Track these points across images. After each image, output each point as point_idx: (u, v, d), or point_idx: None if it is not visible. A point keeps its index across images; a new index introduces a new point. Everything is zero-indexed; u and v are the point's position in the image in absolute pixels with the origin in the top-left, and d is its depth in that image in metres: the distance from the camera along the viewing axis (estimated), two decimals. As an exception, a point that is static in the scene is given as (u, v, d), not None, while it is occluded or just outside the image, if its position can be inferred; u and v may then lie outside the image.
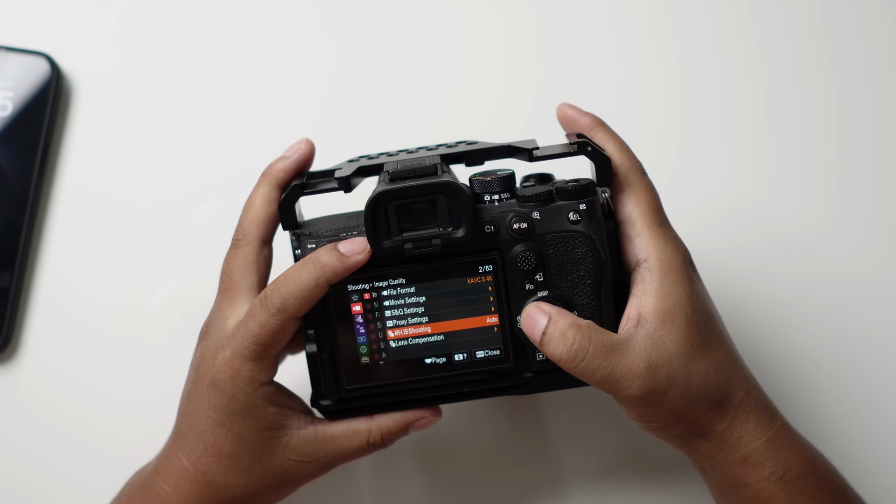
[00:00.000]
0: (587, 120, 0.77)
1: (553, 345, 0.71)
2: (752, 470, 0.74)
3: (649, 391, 0.71)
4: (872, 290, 0.93)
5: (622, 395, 0.71)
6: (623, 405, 0.73)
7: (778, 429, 0.74)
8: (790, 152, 0.94)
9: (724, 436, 0.73)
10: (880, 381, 0.93)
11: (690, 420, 0.73)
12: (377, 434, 0.76)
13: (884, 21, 0.95)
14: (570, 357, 0.71)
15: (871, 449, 0.92)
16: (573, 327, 0.71)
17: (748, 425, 0.73)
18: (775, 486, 0.74)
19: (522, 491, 0.92)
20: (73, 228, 0.93)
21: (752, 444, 0.73)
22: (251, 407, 0.74)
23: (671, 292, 0.72)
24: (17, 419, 0.93)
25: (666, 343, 0.72)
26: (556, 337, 0.71)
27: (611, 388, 0.71)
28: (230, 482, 0.75)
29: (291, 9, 0.95)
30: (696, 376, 0.72)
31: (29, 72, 0.92)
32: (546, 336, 0.71)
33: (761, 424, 0.74)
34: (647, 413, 0.73)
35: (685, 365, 0.72)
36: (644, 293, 0.73)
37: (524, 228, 0.73)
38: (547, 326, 0.71)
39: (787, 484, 0.74)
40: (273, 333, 0.72)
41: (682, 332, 0.72)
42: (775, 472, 0.73)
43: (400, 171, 0.72)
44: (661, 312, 0.72)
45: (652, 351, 0.71)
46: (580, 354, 0.70)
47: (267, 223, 0.76)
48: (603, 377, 0.71)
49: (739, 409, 0.73)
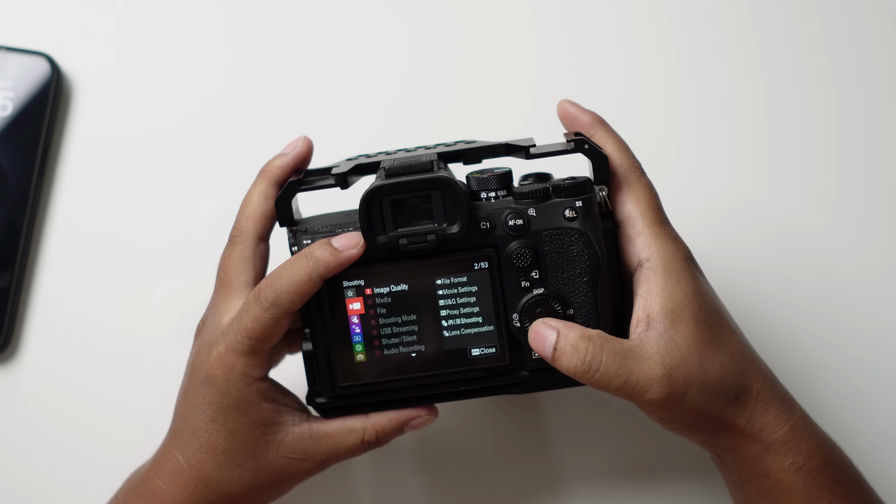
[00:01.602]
0: (587, 118, 0.77)
1: (566, 359, 0.71)
2: (773, 461, 0.73)
3: (668, 394, 0.70)
4: (872, 288, 0.93)
5: (642, 401, 0.71)
6: (644, 409, 0.73)
7: (797, 419, 0.74)
8: (789, 151, 0.94)
9: (745, 429, 0.73)
10: (880, 379, 0.93)
11: (711, 416, 0.72)
12: (372, 432, 0.76)
13: (883, 21, 0.95)
14: (584, 369, 0.70)
15: (872, 448, 0.92)
16: (584, 339, 0.71)
17: (768, 416, 0.73)
18: (795, 477, 0.73)
19: (522, 491, 0.92)
20: (73, 228, 0.94)
21: (773, 434, 0.73)
22: (245, 403, 0.74)
23: (676, 290, 0.72)
24: (17, 419, 0.93)
25: (678, 343, 0.71)
26: (567, 351, 0.71)
27: (629, 394, 0.71)
28: (224, 479, 0.75)
29: (291, 9, 0.95)
30: (713, 373, 0.72)
31: (29, 72, 0.92)
32: (558, 351, 0.71)
33: (781, 415, 0.73)
34: (668, 415, 0.72)
35: (700, 363, 0.71)
36: (650, 294, 0.72)
37: (520, 225, 0.73)
38: (557, 341, 0.71)
39: (807, 475, 0.73)
40: (266, 328, 0.72)
41: (692, 330, 0.72)
42: (795, 463, 0.73)
43: (396, 168, 0.72)
44: (669, 312, 0.72)
45: (666, 353, 0.71)
46: (594, 365, 0.70)
47: (263, 220, 0.76)
48: (620, 385, 0.70)
49: (758, 400, 0.73)
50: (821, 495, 0.74)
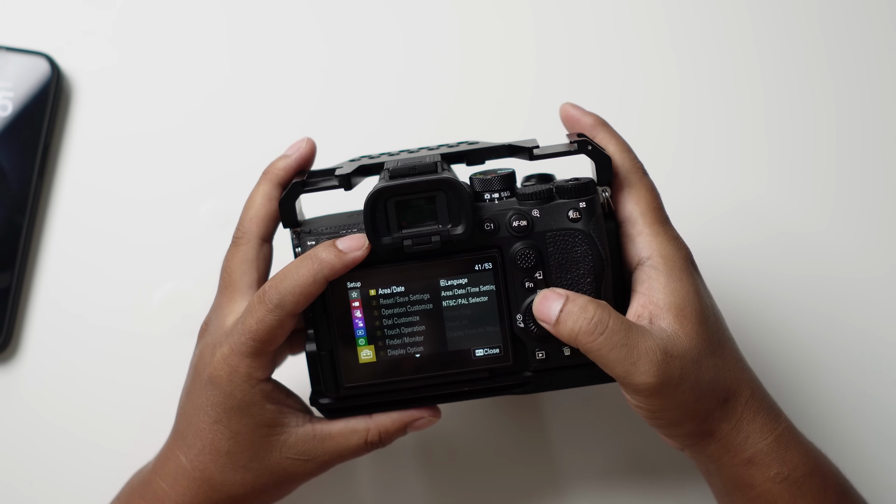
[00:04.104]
0: (589, 119, 0.77)
1: (572, 319, 0.70)
2: (758, 471, 0.73)
3: (663, 380, 0.70)
4: (871, 288, 0.93)
5: (636, 383, 0.70)
6: (635, 396, 0.72)
7: (783, 430, 0.74)
8: (789, 151, 0.94)
9: (730, 436, 0.73)
10: (880, 379, 0.93)
11: (699, 417, 0.72)
12: (375, 433, 0.76)
13: (883, 21, 0.95)
14: (589, 329, 0.70)
15: (872, 447, 0.92)
16: (593, 302, 0.71)
17: (754, 425, 0.73)
18: (780, 488, 0.73)
19: (523, 491, 0.92)
20: (73, 228, 0.93)
21: (757, 444, 0.73)
22: (248, 404, 0.74)
23: (678, 288, 0.72)
24: (17, 419, 0.93)
25: (681, 336, 0.71)
26: (574, 312, 0.70)
27: (626, 370, 0.70)
28: (227, 480, 0.75)
29: (291, 9, 0.95)
30: (706, 372, 0.72)
31: (29, 72, 0.92)
32: (564, 314, 0.70)
33: (767, 425, 0.73)
34: (658, 406, 0.72)
35: (696, 360, 0.71)
36: (651, 290, 0.73)
37: (524, 226, 0.73)
38: (565, 304, 0.71)
39: (792, 485, 0.73)
40: (270, 330, 0.72)
41: (694, 326, 0.72)
42: (780, 474, 0.73)
43: (400, 169, 0.72)
44: (672, 307, 0.72)
45: (668, 341, 0.71)
46: (600, 327, 0.70)
47: (267, 221, 0.76)
48: (621, 356, 0.70)
49: (746, 408, 0.73)
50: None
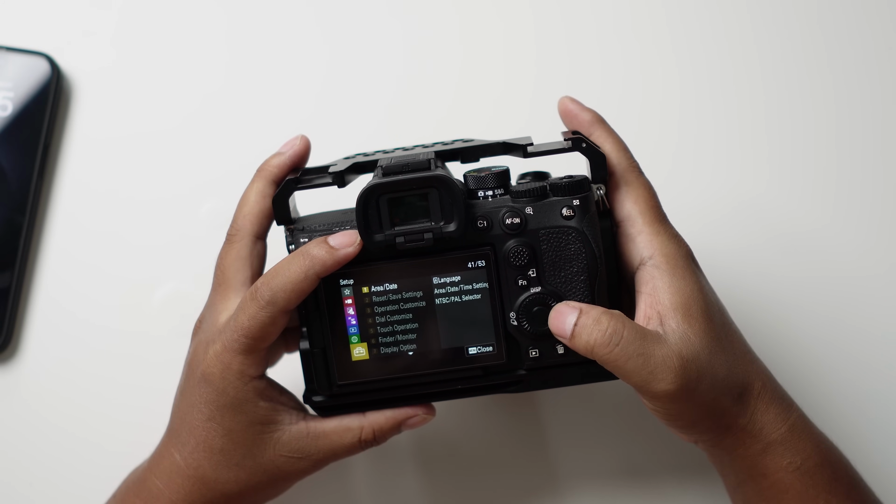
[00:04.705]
0: (587, 115, 0.76)
1: (587, 332, 0.70)
2: (771, 461, 0.73)
3: (682, 386, 0.70)
4: (872, 287, 0.93)
5: (654, 390, 0.70)
6: (653, 402, 0.72)
7: (795, 419, 0.74)
8: (789, 150, 0.94)
9: (746, 428, 0.73)
10: (880, 378, 0.92)
11: (716, 415, 0.72)
12: (369, 431, 0.76)
13: (883, 21, 0.94)
14: (605, 341, 0.69)
15: (872, 447, 0.91)
16: (606, 314, 0.70)
17: (768, 416, 0.73)
18: (792, 477, 0.73)
19: (521, 490, 0.92)
20: (74, 228, 0.94)
21: (771, 434, 0.73)
22: (241, 401, 0.74)
23: (682, 287, 0.72)
24: (17, 419, 0.93)
25: (691, 337, 0.71)
26: (589, 325, 0.70)
27: (644, 379, 0.70)
28: (221, 477, 0.75)
29: (290, 8, 0.95)
30: (720, 369, 0.71)
31: (29, 72, 0.92)
32: (578, 327, 0.70)
33: (780, 415, 0.73)
34: (677, 410, 0.71)
35: (709, 359, 0.71)
36: (656, 290, 0.72)
37: (517, 223, 0.72)
38: (579, 317, 0.70)
39: (804, 475, 0.73)
40: (263, 326, 0.72)
41: (702, 325, 0.71)
42: (793, 463, 0.73)
43: (393, 166, 0.72)
44: (679, 307, 0.71)
45: (682, 345, 0.70)
46: (615, 338, 0.69)
47: (261, 218, 0.76)
48: (638, 366, 0.69)
49: (759, 399, 0.73)
50: (818, 494, 0.74)
